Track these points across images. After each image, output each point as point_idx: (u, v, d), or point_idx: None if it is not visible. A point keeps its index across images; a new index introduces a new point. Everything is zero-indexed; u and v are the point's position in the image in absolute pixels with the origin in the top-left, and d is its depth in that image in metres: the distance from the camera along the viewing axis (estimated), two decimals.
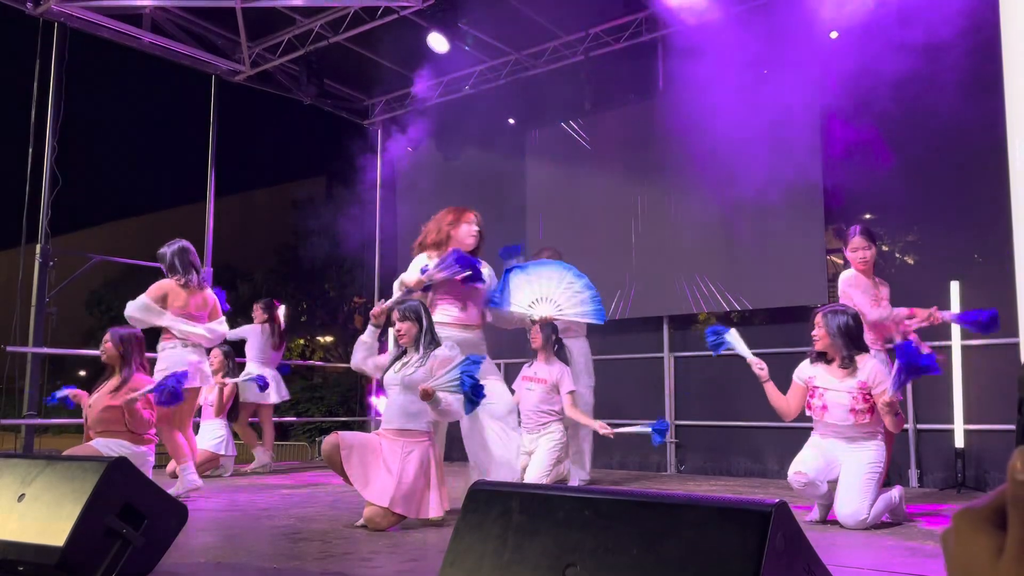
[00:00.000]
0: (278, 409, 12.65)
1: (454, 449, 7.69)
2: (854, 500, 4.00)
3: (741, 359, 4.57)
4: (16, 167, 7.44)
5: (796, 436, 6.41)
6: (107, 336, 4.84)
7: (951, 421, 5.66)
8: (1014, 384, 5.59)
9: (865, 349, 4.29)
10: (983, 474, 5.73)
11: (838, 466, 4.16)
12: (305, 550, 3.36)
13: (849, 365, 4.17)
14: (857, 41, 6.60)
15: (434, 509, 3.99)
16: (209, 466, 6.79)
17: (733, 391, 6.92)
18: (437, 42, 7.49)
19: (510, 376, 8.49)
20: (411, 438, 4.01)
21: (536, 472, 5.49)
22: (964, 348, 5.65)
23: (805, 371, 4.35)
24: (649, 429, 4.99)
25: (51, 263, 7.33)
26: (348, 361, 8.66)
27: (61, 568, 2.48)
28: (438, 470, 4.10)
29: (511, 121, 8.65)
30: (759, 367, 4.42)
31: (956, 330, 5.66)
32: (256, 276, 20.85)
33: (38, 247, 7.27)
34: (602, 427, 5.36)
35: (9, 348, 6.94)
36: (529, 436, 5.70)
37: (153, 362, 5.19)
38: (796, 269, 6.61)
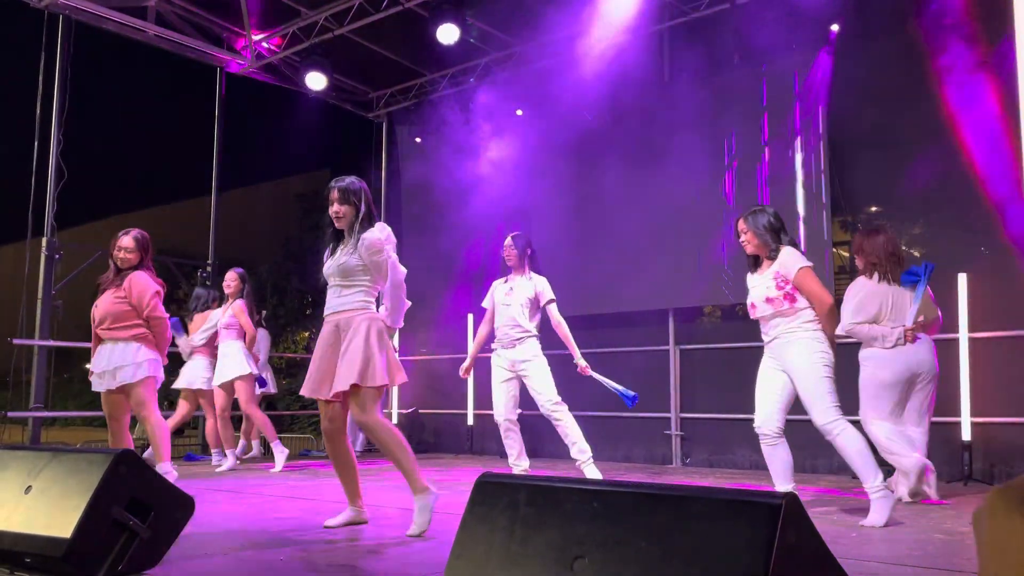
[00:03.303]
0: (283, 400, 12.66)
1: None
2: (812, 407, 4.12)
3: (747, 351, 4.54)
4: (22, 160, 7.44)
5: (802, 428, 6.40)
6: (125, 241, 4.82)
7: (958, 414, 5.64)
8: (1022, 377, 5.57)
9: (784, 243, 4.28)
10: (990, 467, 5.71)
11: (788, 382, 4.24)
12: (311, 541, 3.36)
13: (775, 257, 4.22)
14: (860, 32, 6.56)
15: (380, 377, 3.63)
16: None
17: (738, 383, 6.88)
18: (445, 34, 7.45)
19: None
20: (350, 313, 3.73)
21: (546, 391, 5.38)
22: (971, 341, 5.62)
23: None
24: (619, 391, 5.55)
25: (57, 256, 7.34)
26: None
27: (68, 560, 2.48)
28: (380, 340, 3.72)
29: (519, 113, 8.62)
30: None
31: (963, 322, 5.63)
32: (260, 269, 20.84)
33: (44, 240, 7.28)
34: (583, 368, 5.52)
35: (16, 341, 6.96)
36: (505, 351, 5.50)
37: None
38: None
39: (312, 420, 15.44)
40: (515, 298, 5.50)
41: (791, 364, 4.16)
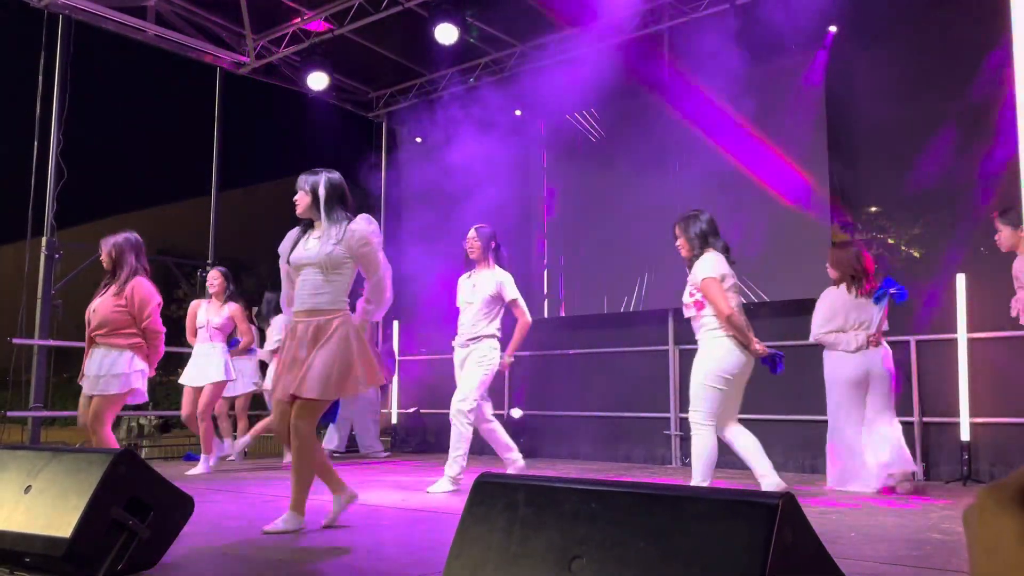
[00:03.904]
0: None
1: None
2: (690, 403, 4.44)
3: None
4: (22, 160, 7.45)
5: (802, 428, 6.40)
6: (100, 244, 4.80)
7: (957, 414, 5.65)
8: (1021, 377, 5.58)
9: (714, 248, 4.50)
10: (989, 467, 5.71)
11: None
12: (312, 541, 3.36)
13: (695, 263, 4.48)
14: (858, 32, 6.57)
15: (363, 382, 3.64)
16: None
17: None
18: (444, 34, 7.45)
19: (513, 369, 8.49)
20: (325, 316, 3.63)
21: (465, 389, 5.06)
22: (971, 341, 5.63)
23: None
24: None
25: (57, 256, 7.35)
26: None
27: (68, 560, 2.49)
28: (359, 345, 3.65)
29: (517, 113, 8.63)
30: None
31: (962, 322, 5.64)
32: (260, 269, 20.85)
33: (44, 240, 7.28)
34: (505, 365, 5.29)
35: (15, 340, 6.96)
36: (460, 351, 5.26)
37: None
38: (801, 262, 6.58)
39: None
40: (478, 294, 5.20)
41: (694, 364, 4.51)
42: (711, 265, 4.40)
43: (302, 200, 3.79)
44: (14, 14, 7.77)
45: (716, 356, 4.37)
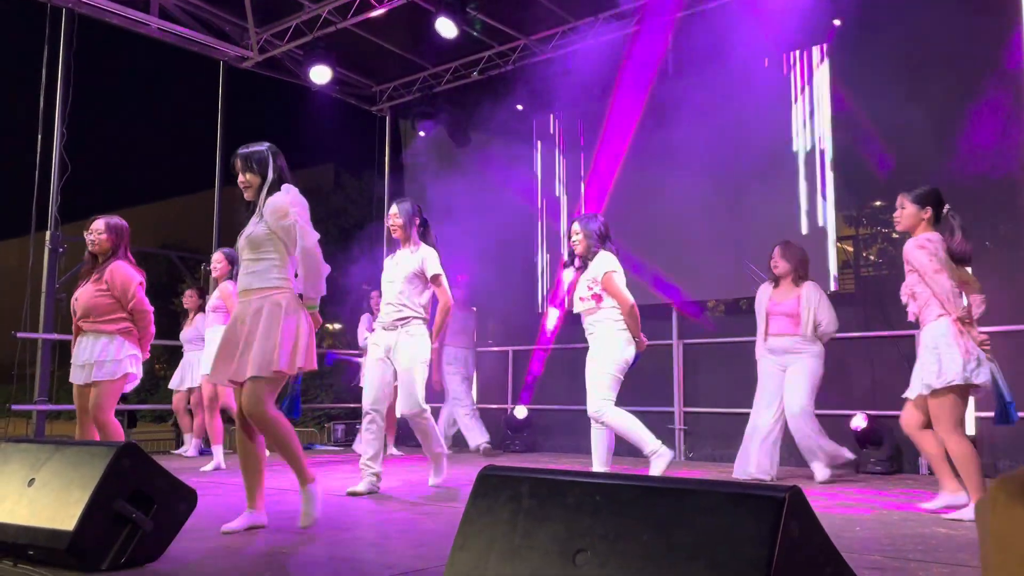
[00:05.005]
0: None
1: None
2: (588, 394, 4.64)
3: (750, 346, 4.55)
4: (26, 154, 7.45)
5: None
6: (99, 226, 4.64)
7: None
8: None
9: (607, 249, 4.79)
10: (994, 462, 5.69)
11: None
12: (314, 534, 3.36)
13: (591, 260, 4.73)
14: (862, 26, 6.54)
15: (277, 363, 3.39)
16: None
17: (741, 378, 6.88)
18: (445, 27, 7.43)
19: (517, 364, 8.49)
20: (259, 295, 3.48)
21: (411, 401, 4.73)
22: None
23: None
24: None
25: (61, 250, 7.35)
26: (356, 348, 8.67)
27: (71, 553, 2.49)
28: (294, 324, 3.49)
29: (519, 107, 8.61)
30: None
31: None
32: None
33: (48, 234, 7.28)
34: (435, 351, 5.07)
35: (19, 334, 6.96)
36: (384, 334, 4.85)
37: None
38: None
39: (316, 413, 15.48)
40: (399, 272, 4.84)
41: (590, 355, 4.72)
42: (612, 261, 4.74)
43: (252, 182, 3.58)
44: (17, 8, 7.78)
45: (619, 347, 4.64)
